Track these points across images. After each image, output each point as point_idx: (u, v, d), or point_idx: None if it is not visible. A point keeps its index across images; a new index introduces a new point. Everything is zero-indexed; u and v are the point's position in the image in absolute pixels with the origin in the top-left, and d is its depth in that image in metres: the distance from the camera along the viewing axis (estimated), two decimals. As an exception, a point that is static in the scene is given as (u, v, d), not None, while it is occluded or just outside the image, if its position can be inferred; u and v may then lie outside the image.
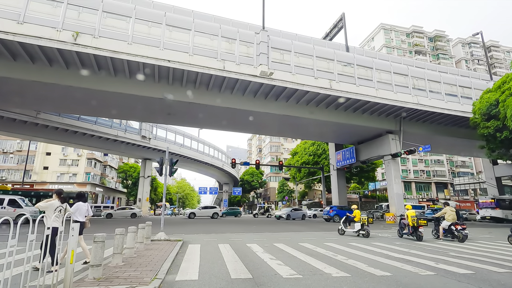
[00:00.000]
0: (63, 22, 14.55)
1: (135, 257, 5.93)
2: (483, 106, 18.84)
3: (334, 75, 19.87)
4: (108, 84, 17.00)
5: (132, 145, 36.22)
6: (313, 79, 19.20)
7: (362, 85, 20.44)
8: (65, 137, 30.38)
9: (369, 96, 20.36)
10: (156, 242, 8.53)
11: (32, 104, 21.02)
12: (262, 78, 17.87)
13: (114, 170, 62.77)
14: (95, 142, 32.71)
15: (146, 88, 17.76)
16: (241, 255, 6.81)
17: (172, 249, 7.26)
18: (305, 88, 18.84)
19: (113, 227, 6.72)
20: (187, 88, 18.48)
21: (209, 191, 59.44)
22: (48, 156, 50.08)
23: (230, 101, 19.47)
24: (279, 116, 21.24)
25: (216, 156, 53.99)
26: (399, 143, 23.52)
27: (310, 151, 45.31)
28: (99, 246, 4.10)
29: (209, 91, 18.88)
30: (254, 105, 19.99)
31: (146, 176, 40.42)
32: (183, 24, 16.92)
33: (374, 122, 23.21)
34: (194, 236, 11.27)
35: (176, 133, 41.49)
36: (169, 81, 17.84)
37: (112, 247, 5.50)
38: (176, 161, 9.64)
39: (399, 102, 21.11)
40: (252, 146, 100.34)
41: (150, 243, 8.09)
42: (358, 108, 21.96)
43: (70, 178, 50.16)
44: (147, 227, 8.06)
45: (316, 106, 21.38)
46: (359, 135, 26.55)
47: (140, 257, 5.92)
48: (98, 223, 21.70)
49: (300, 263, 6.07)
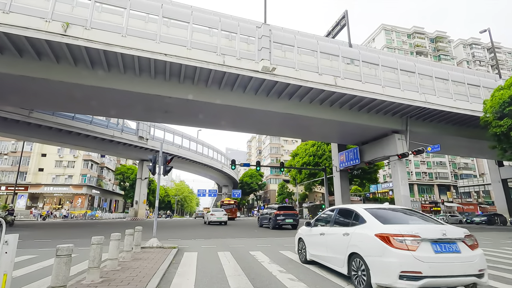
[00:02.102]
0: (52, 13, 13.63)
1: (118, 270, 4.96)
2: (495, 104, 17.99)
3: (339, 72, 18.99)
4: (101, 79, 16.05)
5: (129, 145, 35.21)
6: (317, 75, 18.31)
7: (368, 82, 19.55)
8: (59, 137, 29.37)
9: (376, 94, 19.47)
10: (147, 250, 7.56)
11: (21, 100, 20.01)
12: (264, 74, 16.96)
13: (112, 172, 61.68)
14: (90, 143, 31.70)
15: (141, 84, 16.83)
16: (244, 267, 5.85)
17: (164, 258, 6.29)
18: (309, 84, 17.94)
19: (101, 233, 5.75)
20: (184, 85, 17.57)
21: (208, 193, 58.39)
22: (43, 158, 49.04)
23: (230, 99, 18.56)
24: (281, 115, 20.32)
25: (215, 158, 53.01)
26: (405, 143, 22.61)
27: (310, 152, 44.45)
28: (62, 262, 3.15)
29: (208, 88, 17.96)
30: (255, 103, 19.08)
31: (143, 178, 39.39)
32: (181, 17, 16.03)
33: (379, 121, 22.32)
34: (191, 242, 10.28)
35: (174, 133, 40.53)
36: (166, 77, 16.92)
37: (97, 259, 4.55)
38: (171, 157, 8.70)
39: (407, 100, 20.23)
40: (251, 148, 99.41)
41: (140, 252, 7.12)
42: (363, 106, 21.07)
43: (65, 180, 49.08)
44: (137, 233, 7.09)
45: (320, 104, 20.47)
46: (364, 135, 25.63)
47: (124, 271, 4.95)
48: (89, 227, 20.68)
49: (317, 278, 5.10)
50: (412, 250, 3.64)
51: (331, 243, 5.09)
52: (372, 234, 4.03)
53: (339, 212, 5.42)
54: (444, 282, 3.57)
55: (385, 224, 4.16)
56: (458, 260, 3.68)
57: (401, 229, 3.89)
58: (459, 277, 3.61)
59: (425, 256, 3.61)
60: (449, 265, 3.63)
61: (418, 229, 3.87)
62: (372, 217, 4.44)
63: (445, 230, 3.87)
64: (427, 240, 3.73)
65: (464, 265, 3.66)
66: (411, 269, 3.55)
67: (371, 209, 4.82)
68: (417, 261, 3.57)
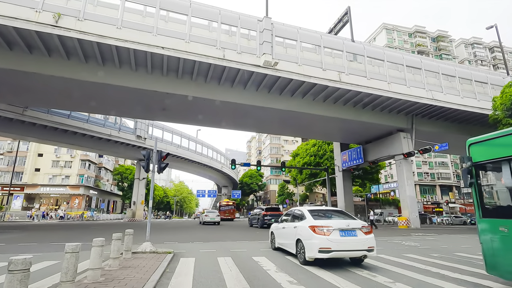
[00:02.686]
0: (43, 3, 12.92)
1: (100, 282, 4.23)
2: (506, 101, 17.29)
3: (343, 67, 18.31)
4: (96, 74, 15.31)
5: (126, 145, 34.44)
6: (321, 70, 17.62)
7: (373, 79, 18.89)
8: (54, 136, 28.60)
9: (381, 90, 18.79)
10: (139, 255, 6.82)
11: (14, 96, 19.22)
12: (265, 69, 16.26)
13: (110, 172, 60.81)
14: (87, 142, 30.91)
15: (137, 79, 16.12)
16: (248, 276, 5.12)
17: (157, 266, 5.55)
18: (312, 80, 17.24)
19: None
20: (183, 80, 16.87)
21: (207, 194, 57.61)
22: (40, 158, 48.19)
23: (230, 95, 17.85)
24: (282, 112, 19.62)
25: (215, 158, 52.25)
26: (411, 142, 21.94)
27: (311, 152, 43.72)
28: (16, 279, 2.42)
29: (207, 84, 17.26)
30: (256, 100, 18.38)
31: (141, 178, 38.60)
32: (179, 9, 15.33)
33: (384, 119, 21.63)
34: (188, 246, 9.53)
35: (173, 133, 39.77)
36: (163, 72, 16.22)
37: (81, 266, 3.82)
38: (166, 154, 7.96)
39: (413, 97, 19.55)
40: (251, 148, 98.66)
41: (130, 258, 6.37)
42: (368, 104, 20.39)
43: (62, 180, 48.23)
44: (127, 237, 6.35)
45: (323, 101, 19.78)
46: (367, 134, 24.94)
47: (106, 283, 4.21)
48: (83, 228, 19.90)
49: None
50: (327, 235, 5.70)
51: (288, 233, 7.23)
52: (307, 226, 6.10)
53: (294, 212, 7.61)
54: (344, 254, 5.90)
55: (315, 219, 6.25)
56: (355, 241, 5.80)
57: (322, 223, 6.00)
58: (354, 251, 5.82)
59: (334, 239, 5.70)
60: (349, 244, 5.77)
61: (332, 223, 6.01)
62: (310, 215, 6.53)
63: (350, 223, 6.00)
64: (336, 229, 5.81)
65: (358, 244, 5.79)
66: (325, 246, 5.63)
67: (311, 210, 6.93)
68: (329, 241, 5.65)
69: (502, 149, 4.20)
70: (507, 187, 4.19)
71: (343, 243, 5.67)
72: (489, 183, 4.77)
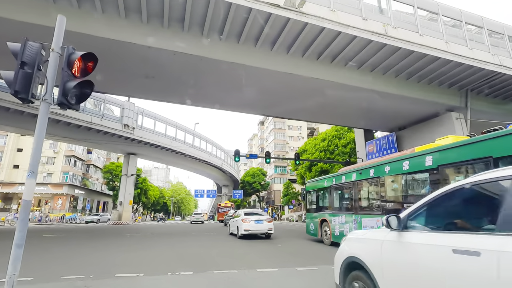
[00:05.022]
0: None
1: None
2: None
3: (389, 18, 13.58)
4: (71, 21, 10.48)
5: (111, 135, 29.57)
6: (360, 19, 12.87)
7: (426, 35, 14.14)
8: (20, 123, 23.75)
9: (438, 51, 14.01)
10: None
11: None
12: (287, 11, 11.48)
13: (100, 170, 55.86)
14: (61, 131, 26.07)
15: (105, 26, 11.32)
16: None
17: None
18: (350, 31, 12.45)
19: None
20: (171, 30, 12.10)
21: (206, 193, 52.80)
22: (19, 153, 43.36)
23: (235, 54, 13.06)
24: (303, 80, 14.78)
25: (214, 153, 47.40)
26: (466, 125, 17.16)
27: (321, 147, 39.44)
28: None
29: (204, 37, 12.46)
30: (268, 62, 13.58)
31: (129, 175, 33.70)
32: None
33: (433, 95, 16.85)
34: (157, 280, 4.69)
35: (167, 123, 34.94)
36: (142, 18, 11.45)
37: None
38: (88, 52, 3.17)
39: (478, 62, 14.77)
40: (252, 146, 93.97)
41: None
42: (414, 73, 15.63)
43: (44, 178, 43.40)
44: None
45: (357, 68, 15.01)
46: (404, 117, 20.08)
47: None
48: (50, 237, 14.90)
49: None
50: (248, 223, 13.12)
51: (234, 224, 14.76)
52: (241, 219, 13.50)
53: (237, 213, 15.90)
54: (256, 232, 13.25)
55: (245, 216, 13.58)
56: (262, 227, 13.23)
57: (247, 217, 13.40)
58: (261, 230, 13.29)
59: (251, 225, 13.09)
60: (258, 227, 13.19)
61: (252, 217, 13.49)
62: (243, 214, 13.97)
63: (261, 216, 13.76)
64: (253, 220, 13.28)
65: (264, 228, 13.24)
66: (247, 228, 13.00)
67: (244, 211, 14.55)
68: (249, 226, 13.04)
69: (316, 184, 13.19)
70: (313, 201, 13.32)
71: (255, 227, 13.05)
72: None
